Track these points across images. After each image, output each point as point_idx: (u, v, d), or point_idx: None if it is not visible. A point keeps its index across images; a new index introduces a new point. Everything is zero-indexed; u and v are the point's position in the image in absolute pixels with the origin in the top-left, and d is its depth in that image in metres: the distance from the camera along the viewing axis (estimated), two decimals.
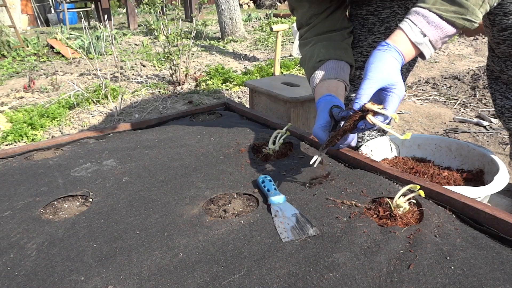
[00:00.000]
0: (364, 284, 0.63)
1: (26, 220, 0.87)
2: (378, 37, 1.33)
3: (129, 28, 7.57)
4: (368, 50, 1.36)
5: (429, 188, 0.87)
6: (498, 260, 0.67)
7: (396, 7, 1.28)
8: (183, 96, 3.33)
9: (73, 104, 3.07)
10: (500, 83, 1.26)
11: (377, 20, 1.29)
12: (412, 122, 2.50)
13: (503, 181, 1.10)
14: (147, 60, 4.66)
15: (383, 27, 1.30)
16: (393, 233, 0.74)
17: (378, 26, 1.30)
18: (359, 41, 1.35)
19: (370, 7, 1.28)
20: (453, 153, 1.37)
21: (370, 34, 1.32)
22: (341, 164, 1.07)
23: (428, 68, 3.84)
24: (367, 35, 1.33)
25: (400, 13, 1.29)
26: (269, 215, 0.84)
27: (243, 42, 5.82)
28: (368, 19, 1.30)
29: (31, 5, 9.36)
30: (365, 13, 1.30)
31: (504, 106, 1.26)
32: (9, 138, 2.44)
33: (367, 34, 1.33)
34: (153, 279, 0.67)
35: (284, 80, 2.23)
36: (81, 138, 1.37)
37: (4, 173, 1.11)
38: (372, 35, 1.32)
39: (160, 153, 1.20)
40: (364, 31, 1.33)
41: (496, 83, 1.27)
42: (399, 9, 1.28)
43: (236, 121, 1.48)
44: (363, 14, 1.31)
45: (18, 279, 0.69)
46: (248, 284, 0.65)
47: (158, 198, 0.94)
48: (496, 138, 2.15)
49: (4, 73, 4.22)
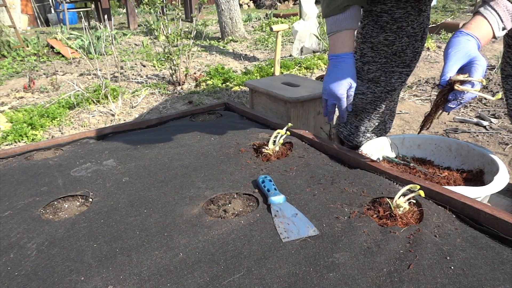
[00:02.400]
0: (364, 284, 0.63)
1: (26, 220, 0.87)
2: (389, 35, 1.34)
3: (129, 28, 7.57)
4: (378, 47, 1.37)
5: (429, 188, 0.87)
6: (498, 260, 0.67)
7: (409, 8, 1.29)
8: (183, 96, 3.33)
9: (73, 104, 3.06)
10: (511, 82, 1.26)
11: (390, 18, 1.31)
12: (412, 122, 2.50)
13: (503, 181, 1.10)
14: (147, 60, 4.66)
15: (395, 26, 1.32)
16: (393, 233, 0.74)
17: (391, 25, 1.32)
18: (371, 37, 1.37)
19: (385, 5, 1.31)
20: (453, 153, 1.37)
21: (382, 31, 1.34)
22: (341, 164, 1.07)
23: (428, 68, 3.83)
24: (379, 32, 1.35)
25: (413, 14, 1.30)
26: (269, 215, 0.84)
27: (243, 42, 5.82)
28: (382, 17, 1.33)
29: (31, 5, 9.36)
30: (379, 10, 1.32)
31: None
32: (9, 138, 2.44)
33: (379, 31, 1.35)
34: (153, 279, 0.67)
35: (284, 80, 2.22)
36: (81, 138, 1.37)
37: (4, 173, 1.11)
38: (383, 33, 1.34)
39: (160, 153, 1.20)
40: (376, 27, 1.35)
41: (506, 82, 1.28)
42: (412, 10, 1.30)
43: (236, 121, 1.48)
44: (377, 11, 1.33)
45: (18, 279, 0.69)
46: (248, 284, 0.65)
47: (158, 198, 0.94)
48: (496, 138, 2.15)
49: (4, 73, 4.22)
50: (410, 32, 1.33)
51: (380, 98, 1.46)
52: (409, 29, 1.33)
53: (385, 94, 1.45)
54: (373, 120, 1.53)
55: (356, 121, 1.55)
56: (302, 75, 3.83)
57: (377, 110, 1.50)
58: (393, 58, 1.38)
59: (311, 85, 2.07)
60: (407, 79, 1.46)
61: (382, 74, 1.41)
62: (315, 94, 1.90)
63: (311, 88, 2.01)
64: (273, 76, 2.53)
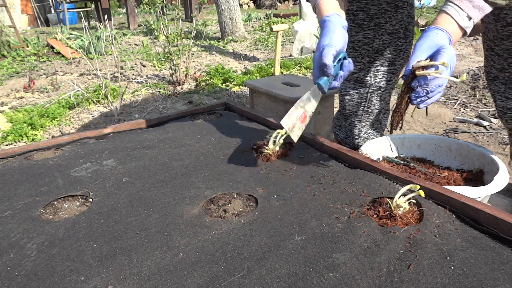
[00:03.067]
0: (364, 284, 0.63)
1: (26, 220, 0.87)
2: (368, 32, 1.36)
3: (129, 28, 7.57)
4: (359, 45, 1.38)
5: (429, 188, 0.87)
6: (498, 260, 0.67)
7: (384, 4, 1.31)
8: (183, 96, 3.33)
9: (73, 104, 3.07)
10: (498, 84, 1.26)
11: (366, 16, 1.33)
12: (412, 122, 2.50)
13: (503, 181, 1.10)
14: (147, 60, 4.66)
15: (373, 23, 1.34)
16: (393, 233, 0.74)
17: (368, 22, 1.34)
18: (351, 36, 1.38)
19: (359, 3, 1.33)
20: (453, 153, 1.37)
21: (360, 29, 1.36)
22: (341, 164, 1.07)
23: None
24: (357, 30, 1.37)
25: (390, 11, 1.31)
26: (269, 215, 0.84)
27: (243, 42, 5.82)
28: (358, 15, 1.35)
29: (31, 5, 9.36)
30: (355, 9, 1.34)
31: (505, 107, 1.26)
32: (9, 138, 2.44)
33: (358, 29, 1.37)
34: (153, 279, 0.67)
35: (284, 80, 2.22)
36: (81, 138, 1.37)
37: (4, 173, 1.11)
38: (362, 31, 1.35)
39: (160, 153, 1.20)
40: (354, 26, 1.37)
41: (494, 83, 1.27)
42: (388, 6, 1.31)
43: (236, 121, 1.48)
44: (354, 10, 1.35)
45: (18, 279, 0.69)
46: (248, 284, 0.65)
47: (158, 198, 0.94)
48: (496, 138, 2.15)
49: (4, 73, 4.22)
50: (390, 29, 1.34)
51: (367, 98, 1.45)
52: (388, 26, 1.33)
53: (371, 94, 1.45)
54: (364, 121, 1.51)
55: (347, 124, 1.55)
56: (302, 75, 3.83)
57: (366, 111, 1.49)
58: (375, 56, 1.38)
59: (311, 85, 2.07)
60: (395, 78, 1.46)
61: (366, 74, 1.41)
62: None
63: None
64: (273, 76, 2.53)
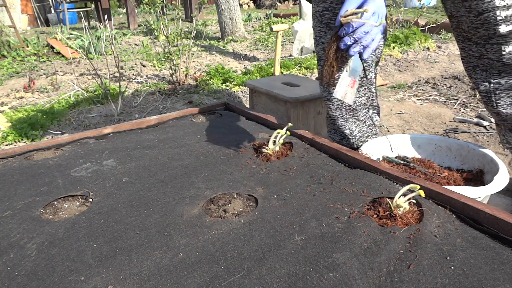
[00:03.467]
0: (364, 284, 0.63)
1: (26, 220, 0.87)
2: None
3: (129, 28, 7.57)
4: None
5: (429, 188, 0.87)
6: (498, 260, 0.67)
7: None
8: (183, 96, 3.33)
9: (73, 104, 3.06)
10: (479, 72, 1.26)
11: (332, 15, 1.35)
12: (412, 122, 2.50)
13: (503, 181, 1.10)
14: (147, 60, 4.66)
15: None
16: (393, 233, 0.74)
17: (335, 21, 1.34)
18: (321, 38, 1.40)
19: (325, 3, 1.34)
20: (453, 153, 1.37)
21: (329, 29, 1.38)
22: (341, 164, 1.07)
23: (428, 68, 3.83)
24: (326, 30, 1.38)
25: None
26: (269, 215, 0.84)
27: (243, 42, 5.82)
28: (325, 15, 1.36)
29: (31, 5, 9.36)
30: (321, 10, 1.36)
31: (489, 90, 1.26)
32: (9, 138, 2.44)
33: (326, 29, 1.38)
34: (153, 279, 0.67)
35: (284, 80, 2.22)
36: (81, 138, 1.37)
37: (4, 173, 1.11)
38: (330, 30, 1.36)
39: (160, 153, 1.20)
40: (323, 27, 1.38)
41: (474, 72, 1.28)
42: None
43: (236, 121, 1.48)
44: (320, 11, 1.37)
45: (18, 279, 0.69)
46: (248, 284, 0.65)
47: (158, 198, 0.94)
48: (496, 138, 2.15)
49: (4, 73, 4.22)
50: None
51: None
52: None
53: None
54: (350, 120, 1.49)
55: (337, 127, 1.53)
56: (302, 75, 3.83)
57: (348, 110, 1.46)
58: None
59: (311, 85, 2.07)
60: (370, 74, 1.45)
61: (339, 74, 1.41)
62: (315, 94, 1.90)
63: (311, 88, 2.01)
64: (273, 76, 2.53)
